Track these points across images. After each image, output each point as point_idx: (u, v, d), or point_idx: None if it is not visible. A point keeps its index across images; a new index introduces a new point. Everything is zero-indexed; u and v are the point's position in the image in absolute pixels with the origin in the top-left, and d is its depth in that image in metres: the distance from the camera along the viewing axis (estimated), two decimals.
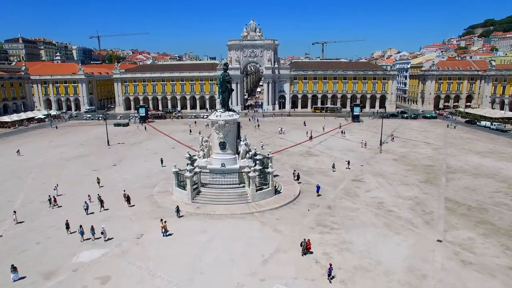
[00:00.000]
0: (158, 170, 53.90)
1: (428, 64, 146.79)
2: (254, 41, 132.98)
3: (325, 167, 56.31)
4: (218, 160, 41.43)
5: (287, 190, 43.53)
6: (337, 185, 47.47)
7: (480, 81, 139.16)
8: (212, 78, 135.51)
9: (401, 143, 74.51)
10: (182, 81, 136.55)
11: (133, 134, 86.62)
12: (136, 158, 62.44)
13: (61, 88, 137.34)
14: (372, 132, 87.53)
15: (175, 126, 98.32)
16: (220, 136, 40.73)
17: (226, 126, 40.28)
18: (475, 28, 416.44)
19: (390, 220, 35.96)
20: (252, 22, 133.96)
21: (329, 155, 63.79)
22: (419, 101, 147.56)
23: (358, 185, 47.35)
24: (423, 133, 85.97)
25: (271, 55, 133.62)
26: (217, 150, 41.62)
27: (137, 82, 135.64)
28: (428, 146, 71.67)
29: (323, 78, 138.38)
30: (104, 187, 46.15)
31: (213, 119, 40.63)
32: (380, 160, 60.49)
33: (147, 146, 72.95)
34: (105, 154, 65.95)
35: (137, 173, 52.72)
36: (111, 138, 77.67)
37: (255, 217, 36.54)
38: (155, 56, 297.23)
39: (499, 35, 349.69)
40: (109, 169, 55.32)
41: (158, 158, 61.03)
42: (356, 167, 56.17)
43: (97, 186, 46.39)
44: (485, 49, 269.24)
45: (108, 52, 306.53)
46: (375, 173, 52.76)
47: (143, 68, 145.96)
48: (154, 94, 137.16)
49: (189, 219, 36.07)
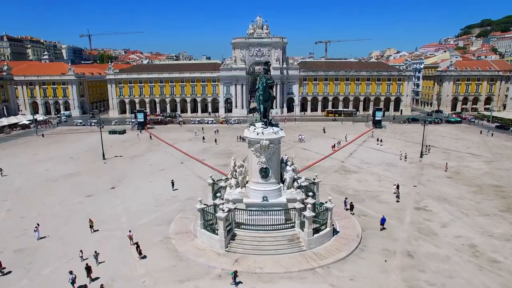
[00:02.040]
0: (169, 196, 43.05)
1: (445, 64, 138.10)
2: (261, 38, 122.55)
3: (373, 189, 46.24)
4: (258, 191, 30.91)
5: (344, 228, 33.23)
6: (400, 216, 37.39)
7: (501, 82, 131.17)
8: (214, 79, 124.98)
9: (442, 154, 64.88)
10: (182, 82, 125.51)
11: (131, 144, 75.35)
12: (139, 177, 51.43)
13: (49, 90, 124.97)
14: (402, 140, 77.87)
15: (179, 134, 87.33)
16: (262, 161, 30.24)
17: (270, 148, 29.84)
18: (472, 28, 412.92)
19: (507, 280, 25.88)
20: (258, 19, 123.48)
21: (370, 172, 53.74)
22: (434, 103, 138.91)
23: (426, 216, 37.29)
24: (460, 142, 76.52)
25: (279, 54, 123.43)
26: (256, 178, 31.10)
27: (133, 83, 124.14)
28: (476, 158, 62.11)
29: (334, 79, 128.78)
30: (99, 231, 33.65)
31: (252, 138, 30.08)
32: (432, 178, 50.60)
33: (150, 159, 61.91)
34: (101, 171, 54.78)
35: (143, 200, 41.77)
36: (106, 149, 66.52)
37: (319, 276, 26.11)
38: (148, 56, 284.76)
39: (498, 35, 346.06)
40: (106, 194, 44.25)
41: (165, 176, 50.36)
42: (409, 188, 46.23)
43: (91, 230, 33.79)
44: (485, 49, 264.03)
45: (100, 51, 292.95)
46: (437, 198, 42.82)
47: (139, 68, 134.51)
48: (152, 96, 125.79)
49: (229, 282, 25.36)
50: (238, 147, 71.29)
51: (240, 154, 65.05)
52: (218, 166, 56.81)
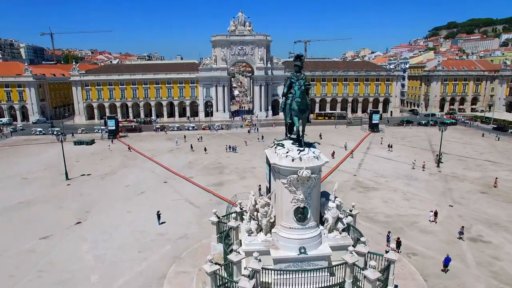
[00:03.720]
0: (154, 234, 32.73)
1: (431, 64, 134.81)
2: (243, 36, 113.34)
3: (404, 211, 38.20)
4: (292, 240, 21.60)
5: (402, 279, 24.59)
6: (457, 251, 29.35)
7: (486, 82, 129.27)
8: (193, 81, 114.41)
9: (458, 163, 58.45)
10: (157, 84, 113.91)
11: (101, 158, 63.63)
12: (113, 204, 40.55)
13: (1, 93, 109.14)
14: (407, 146, 71.20)
15: (157, 143, 76.21)
16: (299, 198, 20.98)
17: (311, 179, 20.65)
18: (440, 30, 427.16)
19: None
20: (240, 14, 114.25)
21: (391, 188, 45.81)
22: (421, 104, 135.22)
23: (490, 252, 29.45)
24: (468, 146, 70.81)
25: (263, 53, 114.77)
26: (289, 221, 21.77)
27: (102, 85, 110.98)
28: (498, 166, 55.96)
29: (321, 80, 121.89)
30: None
31: (284, 166, 20.70)
32: (465, 195, 43.35)
33: (125, 178, 50.88)
34: (63, 197, 43.33)
35: (120, 241, 31.26)
36: (71, 165, 54.93)
37: None
38: (118, 56, 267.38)
39: (464, 37, 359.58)
40: (69, 234, 33.25)
41: (146, 202, 40.05)
42: (446, 209, 38.60)
43: None
44: (453, 50, 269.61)
45: (64, 51, 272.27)
46: (486, 222, 35.33)
47: (109, 69, 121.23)
48: (123, 100, 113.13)
49: None
50: (229, 159, 61.59)
51: (232, 168, 55.55)
52: (209, 185, 46.98)
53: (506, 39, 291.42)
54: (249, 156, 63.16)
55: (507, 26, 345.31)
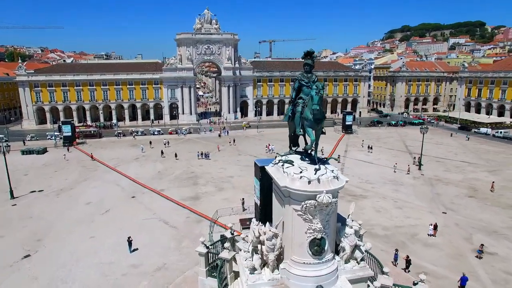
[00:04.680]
0: (126, 266, 27.28)
1: (396, 65, 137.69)
2: (210, 35, 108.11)
3: (401, 222, 35.75)
4: (306, 278, 17.62)
5: None
6: (467, 267, 27.02)
7: (446, 83, 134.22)
8: (157, 81, 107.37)
9: (437, 164, 58.03)
10: (117, 85, 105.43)
11: (56, 170, 55.86)
12: (72, 229, 34.23)
13: None
14: (384, 148, 70.20)
15: (121, 150, 69.15)
16: (316, 228, 16.99)
17: (331, 205, 16.83)
18: (395, 32, 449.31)
19: None
20: (206, 12, 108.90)
21: (380, 195, 43.52)
22: (387, 104, 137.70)
23: (501, 266, 27.51)
24: (441, 147, 71.24)
25: (230, 53, 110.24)
26: (302, 255, 17.70)
27: (54, 86, 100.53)
28: (476, 167, 55.95)
29: (291, 80, 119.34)
30: None
31: (299, 190, 16.56)
32: (454, 200, 41.98)
33: (85, 194, 44.20)
34: (7, 223, 36.12)
35: (84, 280, 25.51)
36: (18, 180, 47.30)
37: None
38: (72, 55, 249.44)
39: (417, 39, 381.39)
40: (15, 273, 26.78)
41: (113, 224, 34.36)
42: (441, 217, 36.75)
43: None
44: (408, 52, 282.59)
45: (8, 48, 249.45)
46: (484, 230, 33.74)
47: (62, 68, 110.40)
48: (80, 102, 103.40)
49: None
50: (203, 167, 56.58)
51: (207, 177, 50.77)
52: (185, 199, 41.91)
53: (453, 43, 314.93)
54: (223, 164, 58.56)
55: (453, 31, 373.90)
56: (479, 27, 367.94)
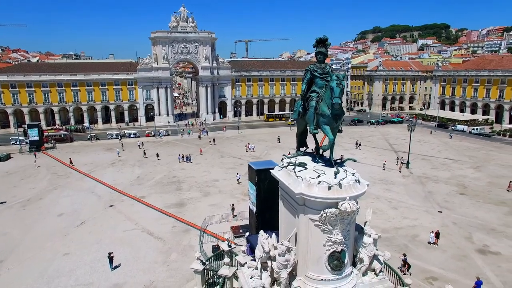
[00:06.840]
0: (107, 287, 24.11)
1: (373, 64, 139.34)
2: (186, 33, 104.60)
3: (399, 223, 34.46)
4: None
5: None
6: (475, 270, 25.88)
7: (421, 82, 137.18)
8: (131, 82, 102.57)
9: (424, 162, 57.89)
10: (88, 86, 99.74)
11: (22, 178, 50.82)
12: (42, 245, 30.34)
13: None
14: (368, 147, 69.62)
15: (95, 155, 64.49)
16: (336, 239, 14.88)
17: (354, 213, 14.76)
18: (366, 33, 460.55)
19: None
20: (182, 9, 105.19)
21: (374, 195, 42.19)
22: (365, 103, 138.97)
23: (507, 266, 26.58)
24: (424, 145, 71.54)
25: (208, 52, 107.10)
26: (319, 271, 15.52)
27: (18, 87, 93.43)
28: (461, 164, 56.16)
29: (269, 80, 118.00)
30: None
31: (317, 197, 14.34)
32: (447, 198, 41.36)
33: (57, 205, 40.00)
34: None
35: None
36: None
37: None
38: (37, 55, 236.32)
39: (388, 40, 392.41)
40: None
41: (89, 237, 30.87)
42: (438, 217, 35.83)
43: None
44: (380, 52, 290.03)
45: None
46: (483, 229, 33.01)
47: (27, 68, 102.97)
48: (47, 104, 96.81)
49: None
50: (185, 170, 53.42)
51: (191, 182, 47.86)
52: (168, 207, 38.81)
53: (422, 44, 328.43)
54: (207, 167, 55.66)
55: (421, 32, 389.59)
56: (445, 29, 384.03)
